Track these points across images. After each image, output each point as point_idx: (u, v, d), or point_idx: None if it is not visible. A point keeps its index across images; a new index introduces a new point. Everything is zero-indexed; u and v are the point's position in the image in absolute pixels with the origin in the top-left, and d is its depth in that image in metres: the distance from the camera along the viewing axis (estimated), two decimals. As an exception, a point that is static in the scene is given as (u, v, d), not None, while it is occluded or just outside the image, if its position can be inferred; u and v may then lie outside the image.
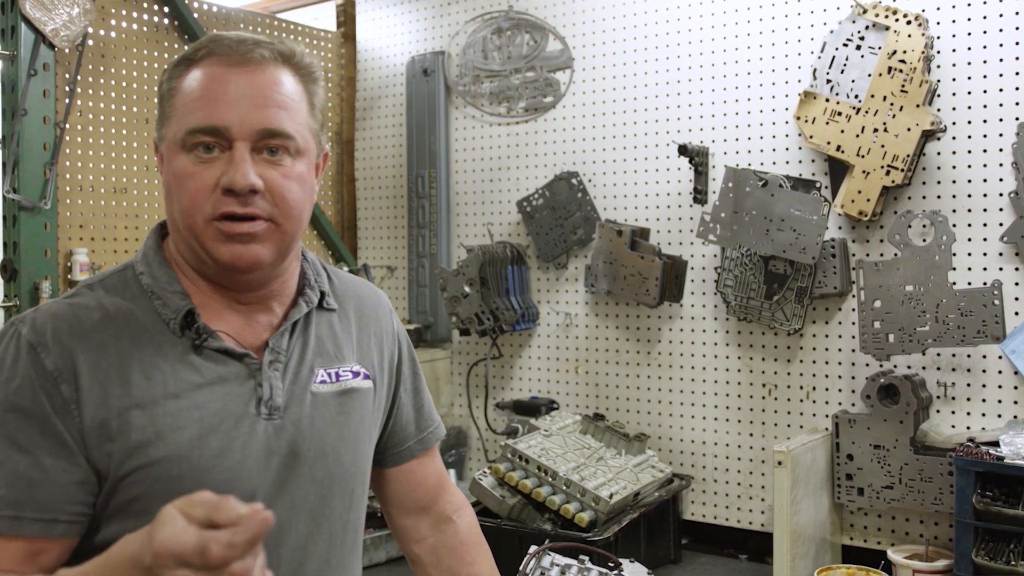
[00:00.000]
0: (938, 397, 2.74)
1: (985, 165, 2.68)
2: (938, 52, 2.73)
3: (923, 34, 2.68)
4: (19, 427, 1.14)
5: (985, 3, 2.67)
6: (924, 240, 2.63)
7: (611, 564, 2.39)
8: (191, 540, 0.88)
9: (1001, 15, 2.65)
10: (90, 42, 3.05)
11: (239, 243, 1.21)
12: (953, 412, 2.73)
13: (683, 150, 3.02)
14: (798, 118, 2.84)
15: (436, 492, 1.59)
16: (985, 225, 2.68)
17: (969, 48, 2.70)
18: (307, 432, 1.30)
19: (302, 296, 1.36)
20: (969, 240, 2.70)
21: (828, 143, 2.79)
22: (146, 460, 1.17)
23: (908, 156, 2.67)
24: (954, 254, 2.64)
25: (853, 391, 2.88)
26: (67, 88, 2.96)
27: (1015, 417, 2.63)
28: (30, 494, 1.13)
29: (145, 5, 3.23)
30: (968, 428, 2.70)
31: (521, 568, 2.25)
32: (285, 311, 1.34)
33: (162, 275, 1.26)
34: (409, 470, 1.56)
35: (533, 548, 2.32)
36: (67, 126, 2.96)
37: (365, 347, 1.44)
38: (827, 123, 2.79)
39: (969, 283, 2.68)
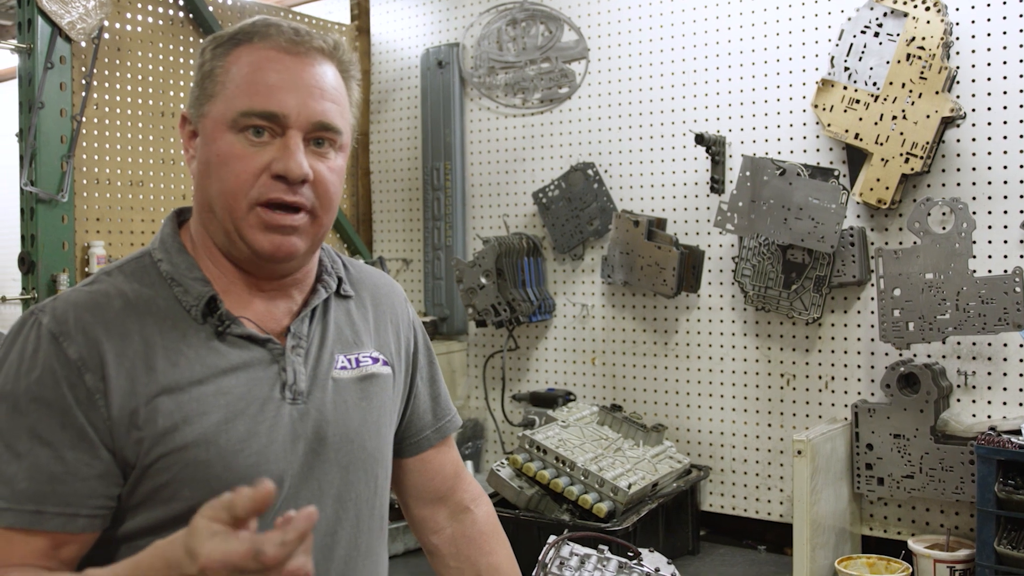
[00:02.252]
0: (958, 386, 2.72)
1: (1005, 152, 2.65)
2: (957, 38, 2.70)
3: (942, 20, 2.65)
4: (41, 419, 1.13)
5: (1005, -12, 2.65)
6: (944, 228, 2.61)
7: (630, 554, 2.38)
8: (242, 546, 0.88)
9: (1021, 0, 2.63)
10: (106, 35, 3.06)
11: (279, 233, 1.21)
12: (974, 401, 2.71)
13: (700, 139, 3.00)
14: (816, 106, 2.82)
15: (453, 482, 1.58)
16: (1006, 212, 2.66)
17: (988, 34, 2.67)
18: (331, 417, 1.30)
19: (320, 282, 1.36)
20: (989, 227, 2.68)
21: (846, 131, 2.77)
22: (173, 446, 1.16)
23: (927, 143, 2.65)
24: (974, 241, 2.61)
25: (872, 380, 2.86)
26: (83, 81, 2.97)
27: (1037, 406, 2.62)
28: (52, 488, 1.12)
29: (160, -2, 3.25)
30: (989, 416, 2.67)
31: (540, 558, 2.25)
32: (304, 297, 1.34)
33: (181, 262, 1.26)
34: (427, 459, 1.56)
35: (552, 538, 2.32)
36: (84, 119, 2.97)
37: (382, 334, 1.44)
38: (845, 111, 2.77)
39: (990, 270, 2.66)
